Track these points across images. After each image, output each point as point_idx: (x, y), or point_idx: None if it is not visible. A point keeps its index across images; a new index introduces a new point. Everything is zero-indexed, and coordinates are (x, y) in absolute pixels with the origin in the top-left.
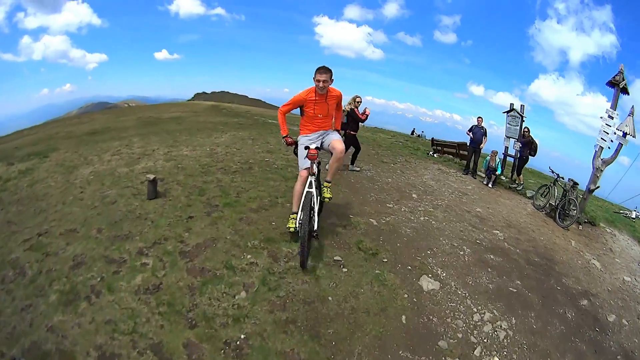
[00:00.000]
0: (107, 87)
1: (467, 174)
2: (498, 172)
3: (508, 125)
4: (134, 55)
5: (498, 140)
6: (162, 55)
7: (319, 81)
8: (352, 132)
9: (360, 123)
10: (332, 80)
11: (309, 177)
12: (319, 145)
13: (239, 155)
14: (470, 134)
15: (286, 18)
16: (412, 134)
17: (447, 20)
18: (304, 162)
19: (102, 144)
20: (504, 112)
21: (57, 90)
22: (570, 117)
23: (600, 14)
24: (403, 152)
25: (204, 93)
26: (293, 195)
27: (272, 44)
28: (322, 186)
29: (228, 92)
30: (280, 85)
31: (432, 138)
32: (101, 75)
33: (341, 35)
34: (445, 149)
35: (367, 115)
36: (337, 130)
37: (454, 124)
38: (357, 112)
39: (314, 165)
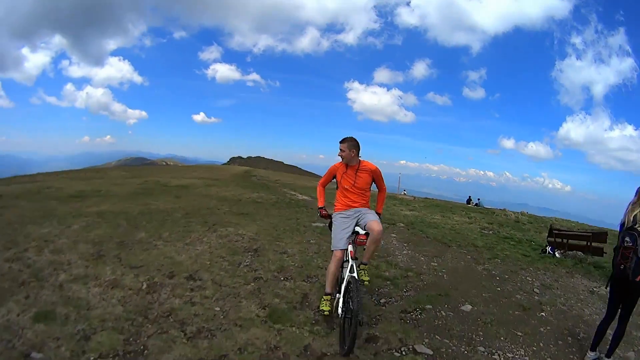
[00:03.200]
0: (147, 143)
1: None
2: None
3: None
4: (173, 116)
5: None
6: (200, 117)
7: (341, 150)
8: None
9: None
10: (353, 151)
11: (351, 260)
12: (361, 230)
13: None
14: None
15: (319, 84)
16: (469, 202)
17: (473, 76)
18: (338, 242)
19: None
20: None
21: (97, 139)
22: (602, 155)
23: (615, 39)
24: (511, 255)
25: (240, 157)
26: (327, 275)
27: (306, 110)
28: (358, 268)
29: (264, 157)
30: (315, 151)
31: (551, 226)
32: (141, 131)
33: (372, 99)
34: (570, 241)
35: None
36: (378, 214)
37: (487, 181)
38: None
39: (357, 249)
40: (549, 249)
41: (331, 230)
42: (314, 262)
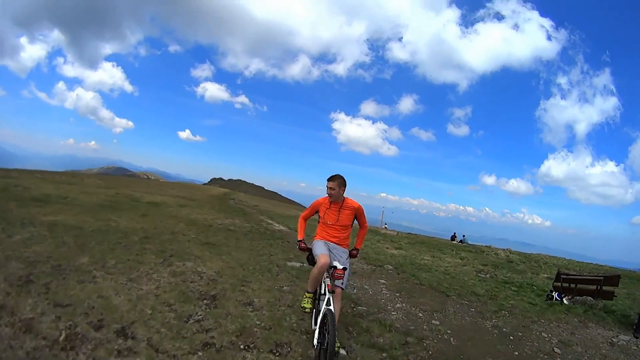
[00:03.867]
0: (131, 154)
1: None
2: None
3: None
4: (159, 130)
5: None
6: (185, 134)
7: (328, 189)
8: None
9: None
10: (342, 189)
11: (328, 293)
12: (339, 265)
13: None
14: None
15: (305, 112)
16: (453, 239)
17: (459, 113)
18: (321, 250)
19: None
20: None
21: (82, 143)
22: (582, 191)
23: (600, 79)
24: (518, 305)
25: (221, 179)
26: (310, 277)
27: (291, 137)
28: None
29: (245, 181)
30: (297, 179)
31: (559, 271)
32: (126, 141)
33: (357, 131)
34: (579, 286)
35: None
36: (354, 250)
37: (467, 216)
38: None
39: (335, 283)
40: (555, 295)
41: (309, 262)
42: (286, 322)
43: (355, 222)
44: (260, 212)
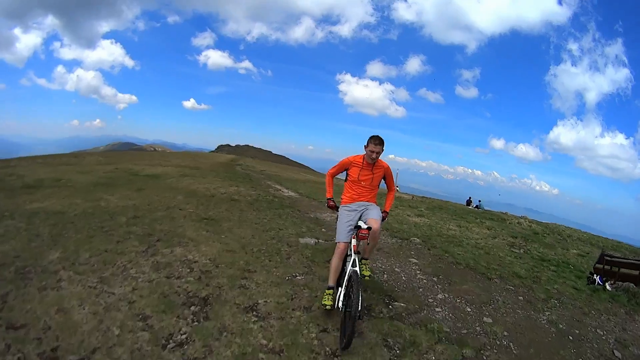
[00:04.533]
0: (136, 128)
1: None
2: None
3: None
4: (164, 101)
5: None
6: (190, 104)
7: (372, 152)
8: None
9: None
10: (382, 151)
11: (353, 254)
12: (363, 225)
13: None
14: None
15: (311, 75)
16: (469, 204)
17: (467, 75)
18: (341, 235)
19: None
20: None
21: (87, 123)
22: (591, 161)
23: (612, 48)
24: (563, 291)
25: (228, 145)
26: (330, 269)
27: (297, 100)
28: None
29: (252, 146)
30: (304, 142)
31: (603, 252)
32: (131, 116)
33: (364, 93)
34: (622, 270)
35: None
36: (384, 213)
37: (475, 179)
38: None
39: (360, 243)
40: (597, 278)
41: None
42: (303, 337)
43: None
44: (267, 177)
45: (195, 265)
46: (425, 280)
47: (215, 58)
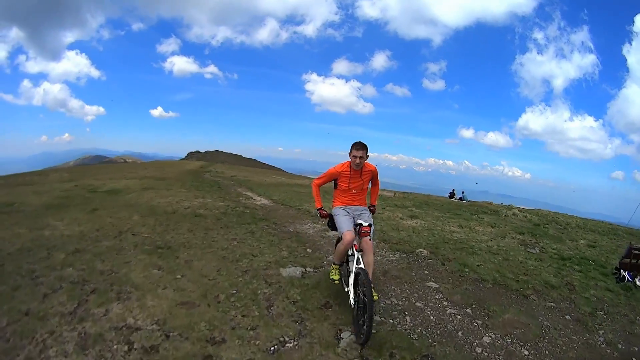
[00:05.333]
0: (105, 140)
1: None
2: None
3: None
4: (131, 111)
5: None
6: (157, 112)
7: (355, 157)
8: None
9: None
10: (367, 156)
11: (356, 253)
12: (364, 222)
13: None
14: None
15: (277, 76)
16: (452, 196)
17: (433, 68)
18: (346, 225)
19: None
20: None
21: (56, 138)
22: (561, 144)
23: (578, 36)
24: (601, 296)
25: (198, 152)
26: (336, 251)
27: (264, 103)
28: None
29: (222, 151)
30: (274, 143)
31: (630, 245)
32: (99, 128)
33: (331, 91)
34: None
35: None
36: (372, 207)
37: (447, 169)
38: None
39: (362, 240)
40: (626, 275)
41: (330, 227)
42: None
43: None
44: (238, 182)
45: (135, 337)
46: (459, 317)
47: (181, 64)
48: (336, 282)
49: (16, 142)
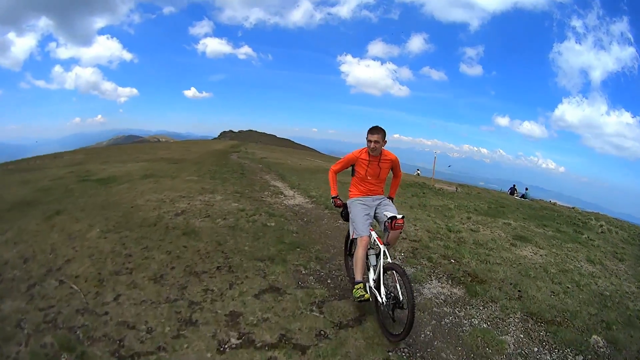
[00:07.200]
0: (139, 120)
1: None
2: None
3: None
4: (164, 92)
5: None
6: (191, 93)
7: (370, 141)
8: None
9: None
10: (385, 142)
11: (382, 247)
12: (398, 215)
13: None
14: None
15: (311, 58)
16: (513, 193)
17: (471, 52)
18: (362, 228)
19: None
20: None
21: (89, 120)
22: (597, 139)
23: (618, 26)
24: None
25: (231, 131)
26: (354, 263)
27: (299, 84)
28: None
29: (255, 130)
30: (308, 124)
31: None
32: (132, 109)
33: (366, 73)
34: None
35: None
36: (391, 198)
37: (481, 157)
38: None
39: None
40: None
41: (343, 217)
42: None
43: None
44: (267, 167)
45: None
46: None
47: (214, 46)
48: (366, 297)
49: (50, 125)
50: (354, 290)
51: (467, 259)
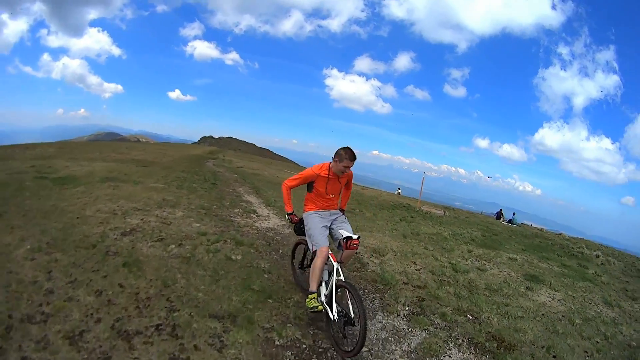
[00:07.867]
0: (121, 118)
1: None
2: None
3: None
4: (149, 91)
5: None
6: (175, 95)
7: (346, 167)
8: None
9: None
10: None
11: (335, 264)
12: (354, 235)
13: None
14: None
15: (298, 69)
16: (499, 217)
17: (456, 74)
18: (321, 239)
19: None
20: None
21: (71, 112)
22: (575, 164)
23: (604, 54)
24: None
25: (211, 137)
26: (311, 273)
27: (283, 95)
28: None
29: (236, 138)
30: (289, 135)
31: None
32: (116, 106)
33: (350, 88)
34: None
35: None
36: (342, 210)
37: (459, 177)
38: None
39: (345, 252)
40: None
41: (296, 232)
42: None
43: None
44: (243, 177)
45: None
46: None
47: (202, 49)
48: (319, 308)
49: (32, 114)
50: (308, 300)
51: (487, 314)
